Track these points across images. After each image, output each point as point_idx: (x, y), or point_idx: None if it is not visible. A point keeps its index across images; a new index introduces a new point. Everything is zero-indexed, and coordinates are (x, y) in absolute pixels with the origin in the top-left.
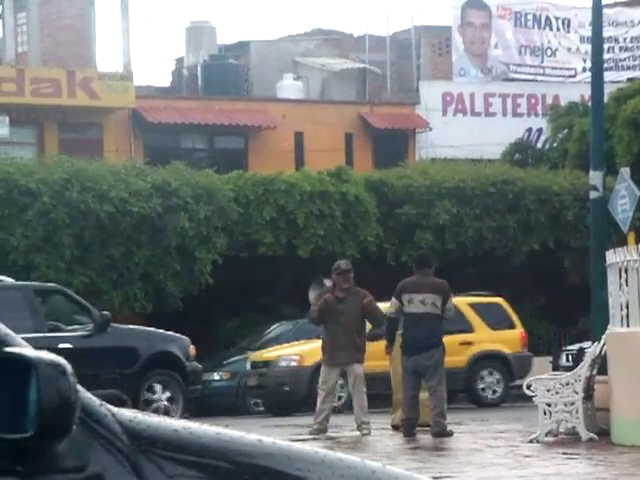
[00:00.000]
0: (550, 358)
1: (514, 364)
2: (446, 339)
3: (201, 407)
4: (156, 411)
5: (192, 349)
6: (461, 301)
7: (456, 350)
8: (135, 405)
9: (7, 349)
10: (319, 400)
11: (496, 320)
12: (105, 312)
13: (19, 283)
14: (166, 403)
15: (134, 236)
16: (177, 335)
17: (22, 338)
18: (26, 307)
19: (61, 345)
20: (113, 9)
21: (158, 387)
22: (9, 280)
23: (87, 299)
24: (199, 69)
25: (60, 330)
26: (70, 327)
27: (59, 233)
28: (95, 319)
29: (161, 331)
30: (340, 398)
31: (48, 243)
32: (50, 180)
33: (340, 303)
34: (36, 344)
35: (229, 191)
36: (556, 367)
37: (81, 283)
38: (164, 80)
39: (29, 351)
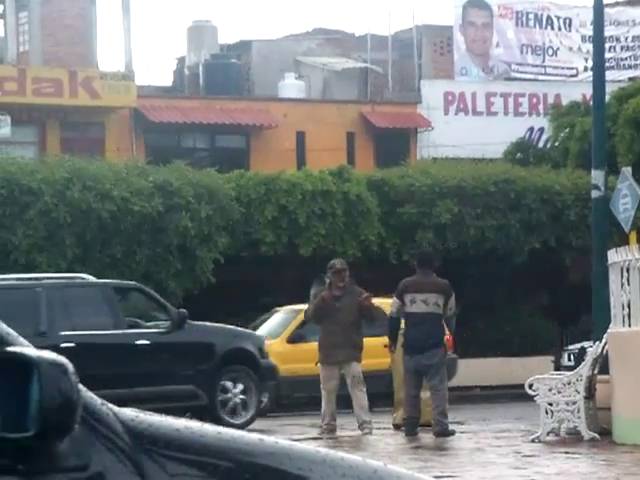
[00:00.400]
0: (552, 357)
1: None
2: (369, 341)
3: None
4: (232, 407)
5: (265, 346)
6: (386, 302)
7: (380, 352)
8: (211, 401)
9: (9, 348)
10: (323, 401)
11: None
12: (182, 310)
13: (99, 281)
14: (242, 397)
15: (135, 235)
16: (251, 332)
17: (101, 334)
18: (105, 304)
19: (139, 341)
20: (114, 8)
21: (232, 384)
22: (90, 278)
23: None
24: (201, 68)
25: (138, 327)
26: (148, 324)
27: (60, 232)
28: (172, 316)
29: (236, 328)
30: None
31: (49, 242)
32: (52, 179)
33: (337, 301)
34: (115, 340)
35: (230, 190)
36: (558, 366)
37: None
38: (165, 79)
39: (31, 350)
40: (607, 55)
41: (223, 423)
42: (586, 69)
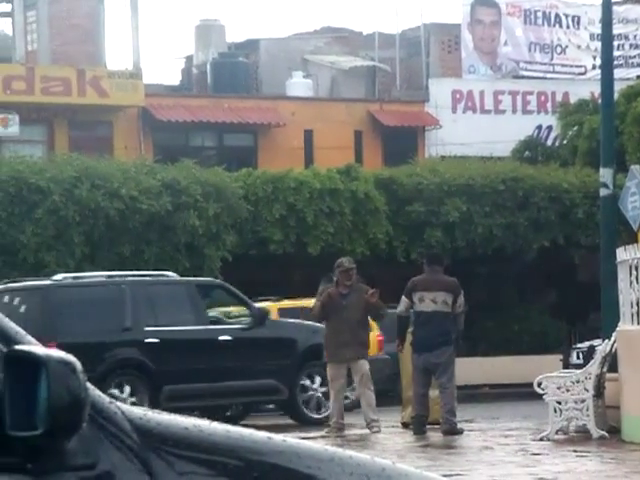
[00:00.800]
0: (560, 356)
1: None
2: None
3: None
4: (313, 401)
5: None
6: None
7: None
8: (291, 396)
9: (17, 347)
10: (331, 399)
11: None
12: (263, 306)
13: (183, 279)
14: (324, 390)
15: (144, 234)
16: None
17: (185, 330)
18: (189, 301)
19: (221, 337)
20: (123, 7)
21: (314, 379)
22: (173, 276)
23: None
24: (208, 67)
25: (221, 323)
26: (230, 320)
27: (69, 231)
28: (254, 312)
29: (314, 324)
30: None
31: (58, 241)
32: (60, 178)
33: (344, 299)
34: (198, 336)
35: (238, 189)
36: (566, 365)
37: None
38: (173, 78)
39: (39, 349)
40: (615, 53)
41: (304, 418)
42: (594, 67)
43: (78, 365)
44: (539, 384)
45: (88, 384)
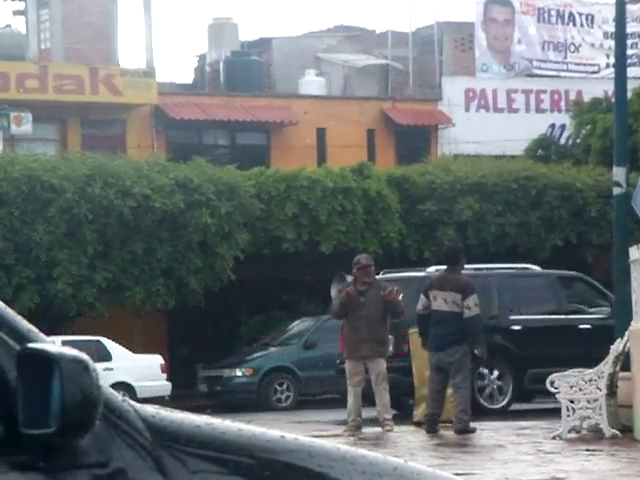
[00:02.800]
0: None
1: None
2: None
3: (224, 403)
4: (489, 392)
5: None
6: None
7: None
8: None
9: (30, 345)
10: (349, 397)
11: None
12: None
13: (544, 271)
14: (498, 383)
15: (156, 232)
16: None
17: (547, 319)
18: (550, 292)
19: (581, 326)
20: (136, 5)
21: (489, 370)
22: (536, 268)
23: (109, 295)
24: (221, 65)
25: (580, 313)
26: (590, 310)
27: (82, 229)
28: (613, 304)
29: None
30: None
31: (71, 239)
32: (73, 176)
33: (362, 296)
34: (559, 324)
35: (251, 187)
36: None
37: (103, 279)
38: (186, 76)
39: (52, 347)
40: (629, 52)
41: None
42: (608, 66)
43: (91, 363)
44: (552, 383)
45: (101, 382)
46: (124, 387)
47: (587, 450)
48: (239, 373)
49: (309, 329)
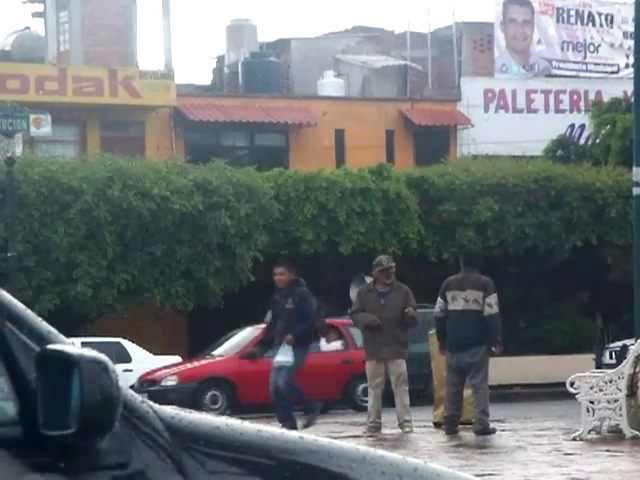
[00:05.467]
0: (593, 355)
1: None
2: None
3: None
4: None
5: None
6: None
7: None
8: None
9: (50, 346)
10: (369, 398)
11: None
12: None
13: None
14: None
15: (175, 234)
16: None
17: None
18: None
19: None
20: (154, 7)
21: None
22: None
23: (129, 296)
24: (240, 67)
25: None
26: None
27: (101, 231)
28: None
29: None
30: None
31: (90, 241)
32: (92, 178)
33: (382, 297)
34: None
35: (270, 189)
36: (599, 364)
37: (123, 280)
38: (205, 78)
39: (72, 348)
40: None
41: None
42: (627, 66)
43: (110, 364)
44: (572, 384)
45: (120, 383)
46: None
47: (607, 451)
48: None
49: None
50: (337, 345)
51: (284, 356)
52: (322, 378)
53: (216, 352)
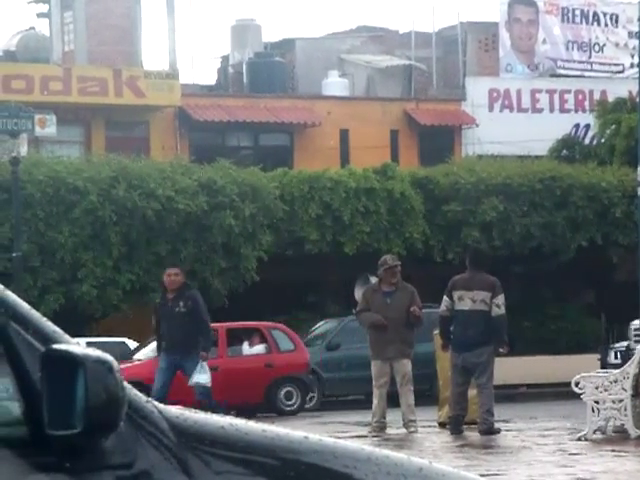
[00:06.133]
0: (598, 355)
1: None
2: None
3: None
4: None
5: None
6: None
7: None
8: None
9: (55, 346)
10: (374, 398)
11: None
12: None
13: None
14: None
15: (180, 234)
16: None
17: None
18: None
19: None
20: (159, 7)
21: None
22: None
23: (134, 296)
24: (244, 67)
25: None
26: None
27: (106, 231)
28: None
29: None
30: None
31: (95, 241)
32: (97, 178)
33: (388, 297)
34: None
35: (274, 188)
36: (604, 364)
37: (128, 280)
38: (210, 78)
39: (77, 348)
40: None
41: None
42: (632, 65)
43: (115, 364)
44: (577, 384)
45: (125, 383)
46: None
47: (612, 451)
48: None
49: (333, 330)
50: (260, 349)
51: (203, 375)
52: (244, 382)
53: (136, 356)
